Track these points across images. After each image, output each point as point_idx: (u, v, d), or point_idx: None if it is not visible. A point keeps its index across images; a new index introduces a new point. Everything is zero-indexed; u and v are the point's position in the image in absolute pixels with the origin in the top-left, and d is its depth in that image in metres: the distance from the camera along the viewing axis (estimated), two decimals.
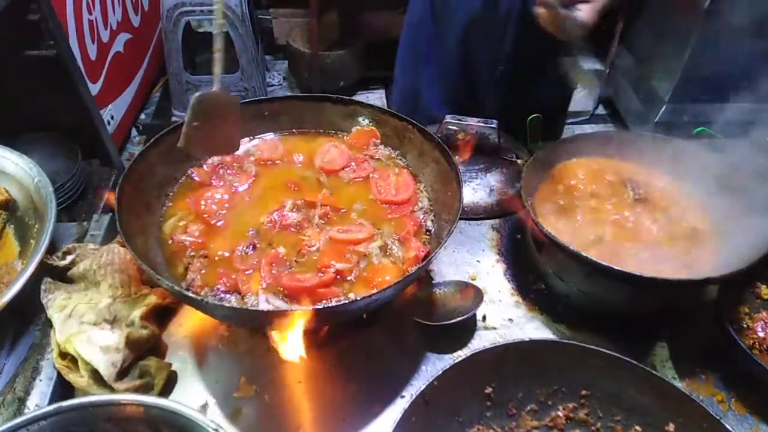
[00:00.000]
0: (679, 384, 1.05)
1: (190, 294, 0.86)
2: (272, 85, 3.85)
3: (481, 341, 1.11)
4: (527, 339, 0.83)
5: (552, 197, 1.19)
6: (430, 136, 1.15)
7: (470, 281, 1.20)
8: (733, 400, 1.03)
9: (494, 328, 1.13)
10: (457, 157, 1.40)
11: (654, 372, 0.80)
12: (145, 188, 1.08)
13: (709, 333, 1.10)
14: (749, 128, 1.93)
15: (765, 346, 1.09)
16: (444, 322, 1.06)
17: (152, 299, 1.08)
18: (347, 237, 1.05)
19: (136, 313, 1.05)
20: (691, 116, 3.06)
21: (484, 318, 1.15)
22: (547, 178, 1.24)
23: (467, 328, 1.13)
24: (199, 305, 0.87)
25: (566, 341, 0.83)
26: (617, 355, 0.82)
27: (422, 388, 0.76)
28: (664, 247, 1.09)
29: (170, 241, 1.04)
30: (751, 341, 1.10)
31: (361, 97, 3.80)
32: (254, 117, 1.24)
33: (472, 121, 1.37)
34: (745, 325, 1.12)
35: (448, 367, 0.79)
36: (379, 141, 1.24)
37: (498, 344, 0.82)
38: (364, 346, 1.08)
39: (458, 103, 1.64)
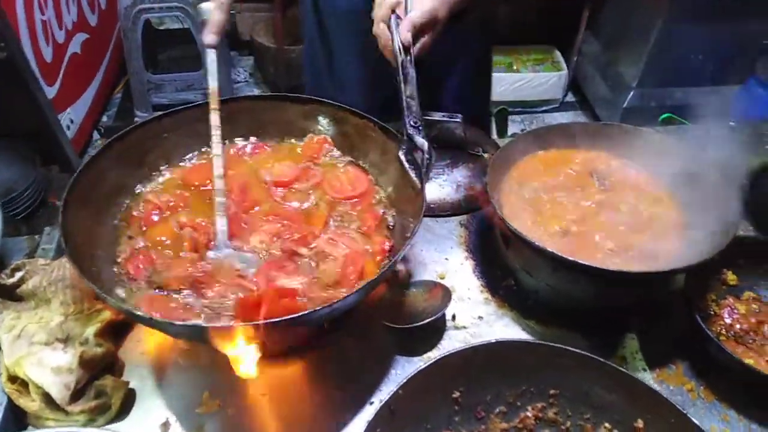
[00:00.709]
0: (649, 375, 1.06)
1: (137, 312, 0.82)
2: (238, 82, 3.78)
3: (451, 341, 1.09)
4: (494, 341, 0.81)
5: (518, 191, 1.18)
6: (393, 134, 1.12)
7: (439, 280, 1.18)
8: (702, 388, 1.03)
9: (464, 327, 1.12)
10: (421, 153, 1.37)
11: (621, 369, 0.78)
12: (94, 198, 1.03)
13: (678, 322, 1.10)
14: (714, 113, 1.95)
15: (732, 332, 1.10)
16: (412, 324, 1.04)
17: (107, 315, 1.03)
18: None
19: (90, 331, 1.00)
20: (658, 101, 3.08)
21: (453, 317, 1.13)
22: (513, 171, 1.22)
23: (437, 329, 1.11)
24: (148, 323, 0.82)
25: (534, 341, 0.81)
26: (584, 353, 0.81)
27: (386, 398, 0.74)
28: (630, 238, 1.08)
29: (121, 256, 0.99)
30: (719, 328, 1.11)
31: None
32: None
33: (436, 116, 1.34)
34: (712, 312, 1.13)
35: (412, 374, 0.76)
36: (332, 147, 1.21)
37: (464, 347, 0.80)
38: (331, 353, 1.06)
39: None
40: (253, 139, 1.23)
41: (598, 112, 3.42)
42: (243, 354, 0.89)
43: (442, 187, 1.32)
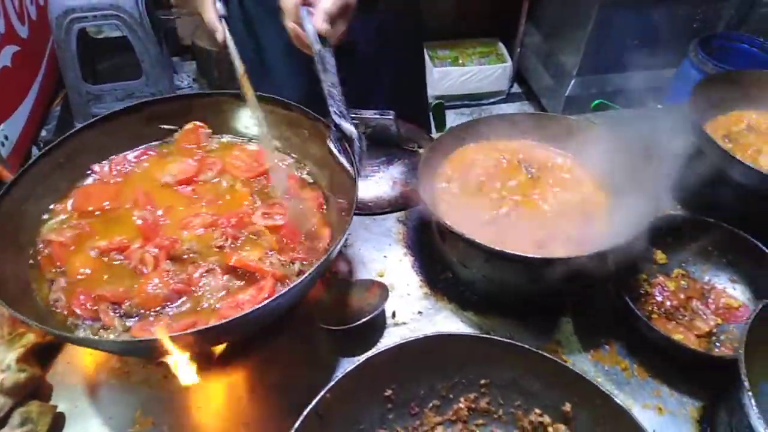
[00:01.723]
0: (584, 356, 1.08)
1: (58, 332, 0.79)
2: (182, 88, 3.69)
3: (391, 338, 1.09)
4: (421, 336, 0.81)
5: (450, 183, 1.18)
6: (323, 122, 1.10)
7: (378, 278, 1.18)
8: (635, 366, 1.06)
9: (404, 323, 1.12)
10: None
11: (546, 355, 0.79)
12: (13, 223, 0.98)
13: (611, 304, 1.12)
14: (645, 97, 2.01)
15: (663, 309, 1.13)
16: (350, 325, 1.03)
17: (30, 339, 0.99)
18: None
19: (12, 356, 0.95)
20: (598, 88, 3.17)
21: (393, 314, 1.13)
22: (445, 164, 1.22)
23: (377, 327, 1.10)
24: (72, 341, 0.79)
25: (460, 333, 0.82)
26: (511, 341, 0.81)
27: (312, 404, 0.73)
28: (558, 224, 1.10)
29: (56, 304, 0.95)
30: (651, 306, 1.14)
31: None
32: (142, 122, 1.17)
33: (368, 113, 1.34)
34: (644, 291, 1.16)
35: (339, 377, 0.75)
36: (209, 131, 1.20)
37: (390, 346, 0.79)
38: (269, 360, 1.04)
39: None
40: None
41: (543, 102, 3.49)
42: (181, 363, 0.87)
43: (378, 184, 1.31)
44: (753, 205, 1.26)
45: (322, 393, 0.74)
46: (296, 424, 0.71)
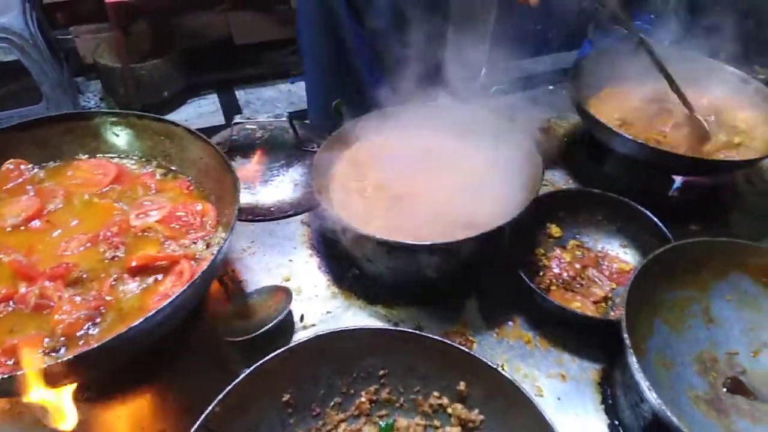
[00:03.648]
0: (491, 334, 1.10)
1: None
2: (89, 108, 3.52)
3: None
4: (312, 336, 0.80)
5: (347, 179, 1.19)
6: (203, 140, 1.07)
7: (284, 283, 1.16)
8: (538, 338, 1.10)
9: (313, 325, 1.11)
10: (255, 158, 1.35)
11: (436, 338, 0.81)
12: None
13: (513, 280, 1.16)
14: (553, 79, 2.09)
15: (560, 280, 1.18)
16: (254, 334, 1.01)
17: None
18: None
19: None
20: (508, 75, 3.26)
21: (302, 318, 1.12)
22: (340, 162, 1.22)
23: (285, 333, 1.09)
24: None
25: (351, 328, 0.81)
26: (402, 329, 0.82)
27: (200, 419, 0.71)
28: (454, 210, 1.12)
29: None
30: (550, 279, 1.18)
31: (192, 105, 3.61)
32: None
33: (262, 118, 1.32)
34: (542, 265, 1.20)
35: (228, 389, 0.74)
36: (30, 165, 1.12)
37: (280, 350, 0.78)
38: (173, 381, 1.00)
39: None
40: None
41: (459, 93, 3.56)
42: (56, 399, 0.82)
43: (278, 188, 1.30)
44: (636, 174, 1.33)
45: (210, 407, 0.72)
46: None
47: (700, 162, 1.24)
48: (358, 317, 1.12)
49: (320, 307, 1.14)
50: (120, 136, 1.14)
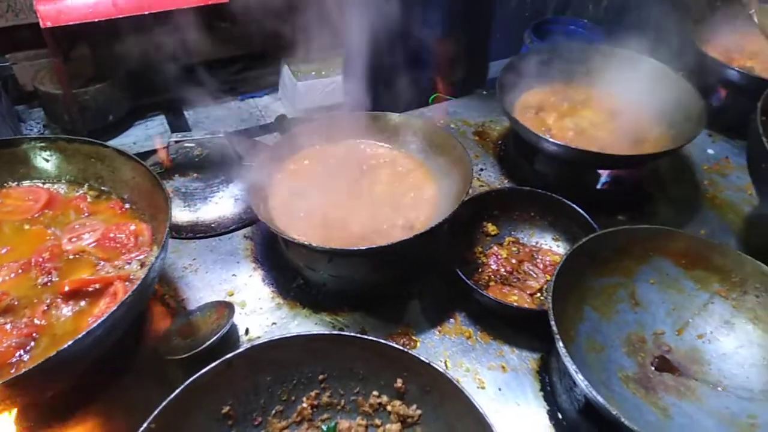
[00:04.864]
0: (433, 332, 1.13)
1: None
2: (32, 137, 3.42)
3: None
4: (247, 347, 0.81)
5: (285, 190, 1.21)
6: (134, 160, 1.07)
7: (228, 298, 1.17)
8: (479, 333, 1.13)
9: (258, 338, 1.11)
10: (195, 174, 1.35)
11: (370, 338, 0.83)
12: None
13: (452, 279, 1.19)
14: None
15: (498, 276, 1.22)
16: (194, 351, 1.01)
17: None
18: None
19: None
20: None
21: (246, 331, 1.12)
22: (280, 173, 1.24)
23: (230, 347, 1.09)
24: None
25: (286, 336, 0.83)
26: (337, 333, 0.84)
27: None
28: (391, 213, 1.15)
29: None
30: (488, 275, 1.22)
31: (139, 127, 3.55)
32: None
33: (198, 135, 1.32)
34: (481, 263, 1.24)
35: (162, 406, 0.74)
36: None
37: (215, 363, 0.79)
38: (115, 403, 0.99)
39: None
40: None
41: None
42: None
43: (218, 204, 1.30)
44: (564, 171, 1.40)
45: (145, 424, 0.72)
46: None
47: (611, 157, 1.29)
48: (303, 326, 1.13)
49: (265, 319, 1.15)
50: (50, 161, 1.13)
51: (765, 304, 1.02)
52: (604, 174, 1.40)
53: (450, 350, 1.10)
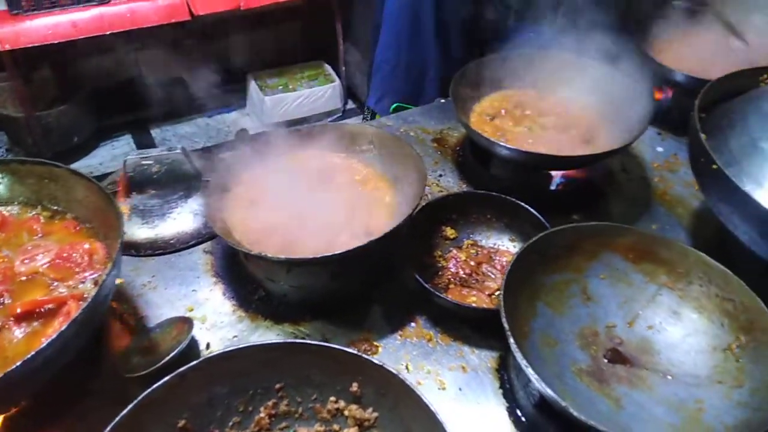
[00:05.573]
0: (394, 337, 1.15)
1: None
2: None
3: None
4: (200, 360, 0.82)
5: (242, 202, 1.22)
6: (87, 179, 1.07)
7: (188, 314, 1.17)
8: (439, 335, 1.15)
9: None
10: (153, 191, 1.35)
11: (324, 344, 0.84)
12: None
13: (412, 283, 1.21)
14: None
15: (458, 278, 1.25)
16: (153, 368, 1.01)
17: None
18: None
19: None
20: None
21: (207, 346, 1.12)
22: (238, 184, 1.25)
23: (190, 362, 1.08)
24: None
25: (239, 347, 0.84)
26: (290, 341, 0.86)
27: None
28: (348, 221, 1.17)
29: None
30: (447, 278, 1.24)
31: (105, 148, 3.52)
32: None
33: (155, 152, 1.33)
34: (440, 266, 1.26)
35: (113, 423, 0.74)
36: None
37: (167, 377, 0.79)
38: (75, 425, 0.98)
39: None
40: None
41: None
42: None
43: (176, 220, 1.30)
44: (518, 174, 1.44)
45: None
46: None
47: (561, 158, 1.33)
48: (264, 338, 1.14)
49: (227, 333, 1.15)
50: (2, 184, 1.12)
51: (708, 293, 1.06)
52: (557, 175, 1.44)
53: (411, 354, 1.12)
